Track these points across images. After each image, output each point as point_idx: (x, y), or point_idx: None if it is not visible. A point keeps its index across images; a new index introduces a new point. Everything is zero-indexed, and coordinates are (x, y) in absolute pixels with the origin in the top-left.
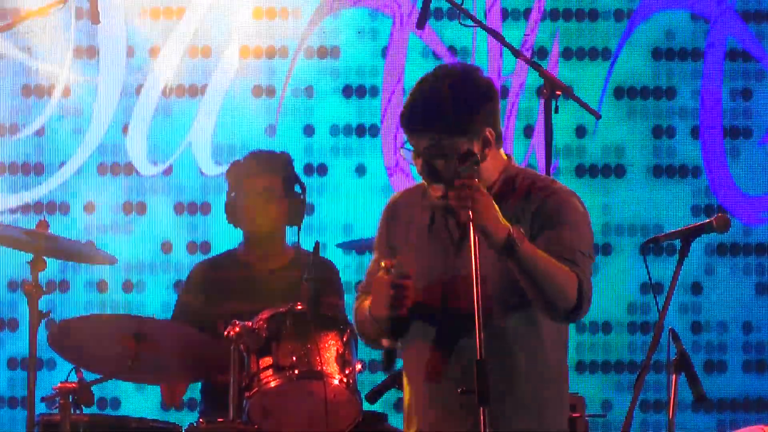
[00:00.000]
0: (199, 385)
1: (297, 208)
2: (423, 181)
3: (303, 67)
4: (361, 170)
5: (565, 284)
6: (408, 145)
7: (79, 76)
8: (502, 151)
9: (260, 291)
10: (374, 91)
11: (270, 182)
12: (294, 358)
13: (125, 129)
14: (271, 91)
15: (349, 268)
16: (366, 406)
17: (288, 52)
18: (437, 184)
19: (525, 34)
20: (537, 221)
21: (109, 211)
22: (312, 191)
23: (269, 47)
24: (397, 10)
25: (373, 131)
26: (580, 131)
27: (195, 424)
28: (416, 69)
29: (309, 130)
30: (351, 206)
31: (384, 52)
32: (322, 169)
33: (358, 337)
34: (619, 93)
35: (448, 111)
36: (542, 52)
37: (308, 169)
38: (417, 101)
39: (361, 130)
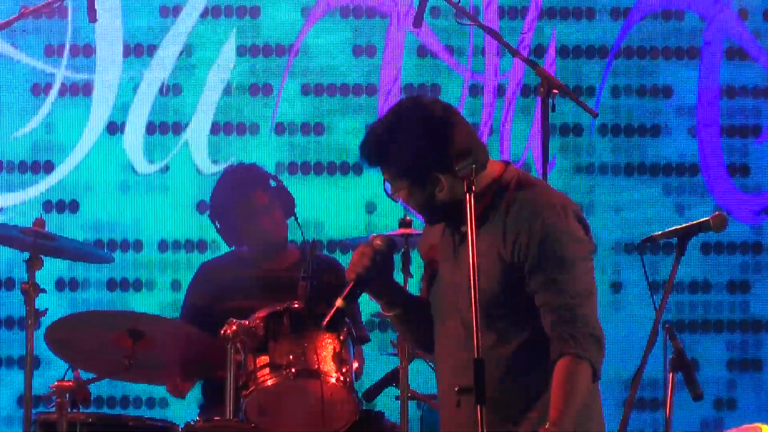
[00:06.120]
0: (200, 382)
1: (286, 206)
2: None
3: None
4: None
5: (586, 392)
6: None
7: (76, 73)
8: (489, 166)
9: (267, 291)
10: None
11: (261, 199)
12: (291, 357)
13: (122, 127)
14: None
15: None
16: (363, 404)
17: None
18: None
19: (522, 33)
20: (523, 251)
21: (106, 208)
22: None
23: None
24: (393, 8)
25: None
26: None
27: (192, 423)
28: (413, 68)
29: (306, 129)
30: (350, 204)
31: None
32: (319, 168)
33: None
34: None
35: (380, 153)
36: (539, 50)
37: (305, 167)
38: (366, 134)
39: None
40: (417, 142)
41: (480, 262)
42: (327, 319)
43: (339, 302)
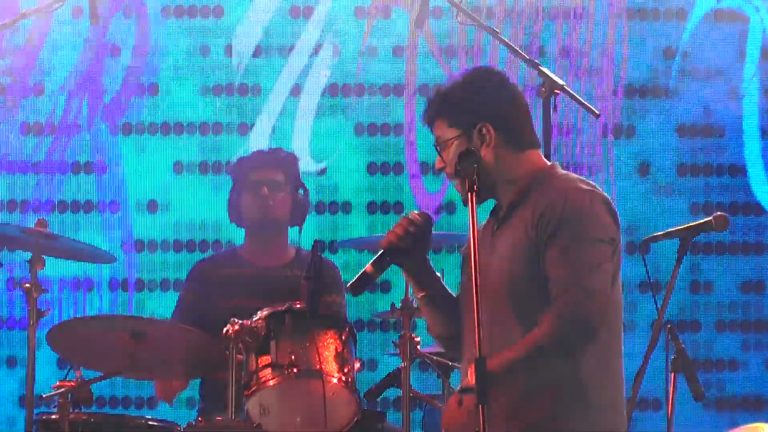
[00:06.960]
0: (197, 383)
1: (299, 207)
2: None
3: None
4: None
5: (542, 346)
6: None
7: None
8: (537, 155)
9: (262, 289)
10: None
11: (275, 175)
12: (293, 357)
13: (124, 128)
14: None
15: (349, 268)
16: (365, 404)
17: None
18: (451, 179)
19: (522, 33)
20: (545, 228)
21: (108, 208)
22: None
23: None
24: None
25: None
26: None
27: (194, 423)
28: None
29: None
30: (351, 205)
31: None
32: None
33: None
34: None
35: (440, 98)
36: (540, 51)
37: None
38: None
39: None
40: (479, 90)
41: (511, 246)
42: (353, 282)
43: (368, 268)
